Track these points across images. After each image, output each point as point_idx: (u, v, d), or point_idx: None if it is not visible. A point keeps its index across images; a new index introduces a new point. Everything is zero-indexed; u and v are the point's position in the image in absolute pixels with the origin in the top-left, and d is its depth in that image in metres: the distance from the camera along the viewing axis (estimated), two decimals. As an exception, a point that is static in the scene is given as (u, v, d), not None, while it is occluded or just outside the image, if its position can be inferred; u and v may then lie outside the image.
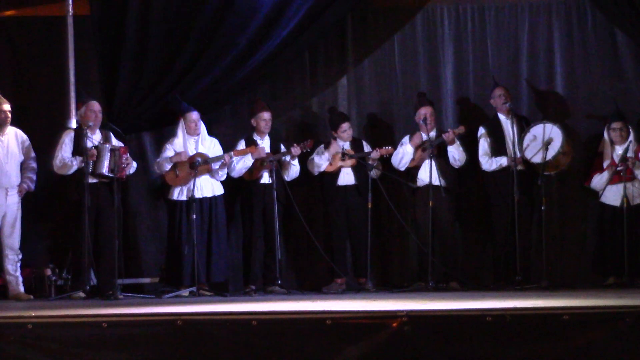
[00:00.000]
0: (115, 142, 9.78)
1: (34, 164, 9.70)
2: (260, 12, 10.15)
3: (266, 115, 10.10)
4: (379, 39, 10.59)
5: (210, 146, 9.98)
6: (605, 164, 9.80)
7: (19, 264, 9.59)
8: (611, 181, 9.68)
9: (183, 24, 10.17)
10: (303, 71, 10.63)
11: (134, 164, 9.80)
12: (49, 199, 10.08)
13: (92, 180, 9.47)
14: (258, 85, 10.53)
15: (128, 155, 9.61)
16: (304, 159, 10.19)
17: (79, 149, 9.59)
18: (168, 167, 9.86)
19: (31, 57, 10.48)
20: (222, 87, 10.35)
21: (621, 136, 9.75)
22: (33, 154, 9.70)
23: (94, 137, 9.58)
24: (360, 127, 10.47)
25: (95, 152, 9.45)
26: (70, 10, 10.35)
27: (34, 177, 9.68)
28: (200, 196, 9.75)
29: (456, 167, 9.98)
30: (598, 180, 9.81)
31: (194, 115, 9.91)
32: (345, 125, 10.15)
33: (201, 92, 10.27)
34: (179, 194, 9.87)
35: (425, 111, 9.98)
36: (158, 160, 9.94)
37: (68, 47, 10.32)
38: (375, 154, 9.95)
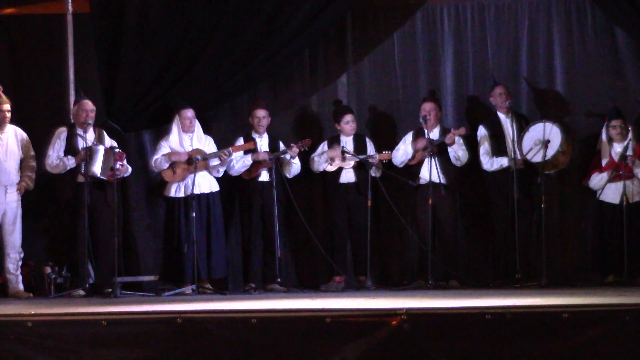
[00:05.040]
0: (108, 141, 9.76)
1: (33, 163, 9.70)
2: (260, 9, 10.15)
3: (260, 113, 10.09)
4: (379, 37, 10.59)
5: (205, 144, 9.98)
6: (603, 162, 9.80)
7: (20, 263, 9.60)
8: (610, 179, 9.68)
9: (183, 21, 10.17)
10: (303, 69, 10.64)
11: (129, 169, 9.78)
12: (45, 197, 10.07)
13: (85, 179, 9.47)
14: (258, 84, 10.54)
15: (124, 161, 9.58)
16: (305, 156, 10.20)
17: (71, 148, 9.60)
18: (166, 165, 9.86)
19: (31, 55, 10.48)
20: (221, 86, 10.35)
21: (621, 134, 9.74)
22: (32, 153, 9.70)
23: (88, 136, 9.55)
24: (361, 125, 10.45)
25: (87, 152, 9.40)
26: (70, 8, 10.36)
27: (33, 176, 9.69)
28: (198, 192, 9.75)
29: (458, 166, 9.98)
30: (598, 180, 9.81)
31: (189, 112, 9.91)
32: (348, 117, 10.14)
33: (201, 90, 10.28)
34: (177, 190, 9.86)
35: (427, 107, 9.98)
36: (155, 157, 9.92)
37: (67, 45, 10.33)
38: (375, 159, 9.95)
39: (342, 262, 10.11)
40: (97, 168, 9.41)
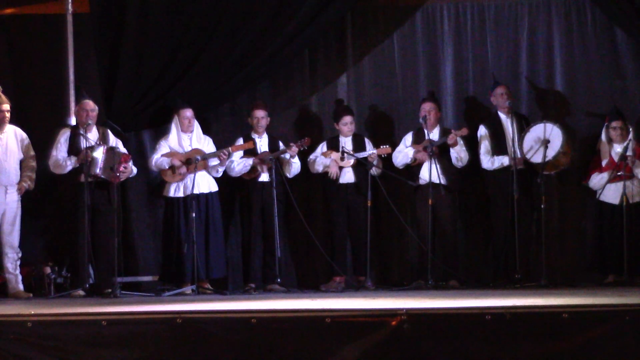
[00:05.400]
0: (112, 140, 9.76)
1: (33, 163, 9.70)
2: (259, 10, 10.15)
3: (259, 113, 10.09)
4: (379, 37, 10.59)
5: (204, 144, 9.98)
6: (603, 163, 9.80)
7: (18, 262, 9.59)
8: (610, 179, 9.69)
9: (182, 22, 10.17)
10: (303, 69, 10.63)
11: (134, 171, 9.79)
12: (45, 197, 10.07)
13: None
14: (258, 84, 10.53)
15: (129, 164, 9.58)
16: (305, 155, 10.20)
17: (74, 148, 9.61)
18: (166, 166, 9.86)
19: (31, 55, 10.47)
20: (221, 86, 10.35)
21: (621, 135, 9.75)
22: (32, 153, 9.70)
23: (90, 136, 9.55)
24: (360, 125, 10.45)
25: (89, 152, 9.40)
26: (70, 8, 10.35)
27: (34, 176, 9.67)
28: (197, 192, 9.73)
29: (459, 167, 9.97)
30: (598, 180, 9.81)
31: (188, 112, 9.91)
32: (347, 118, 10.14)
33: (201, 91, 10.27)
34: (176, 190, 9.86)
35: (427, 107, 9.97)
36: (155, 157, 9.92)
37: (67, 45, 10.32)
38: (373, 155, 9.95)
39: (342, 262, 10.11)
40: (97, 168, 9.40)
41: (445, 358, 6.03)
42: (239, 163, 10.00)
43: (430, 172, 9.67)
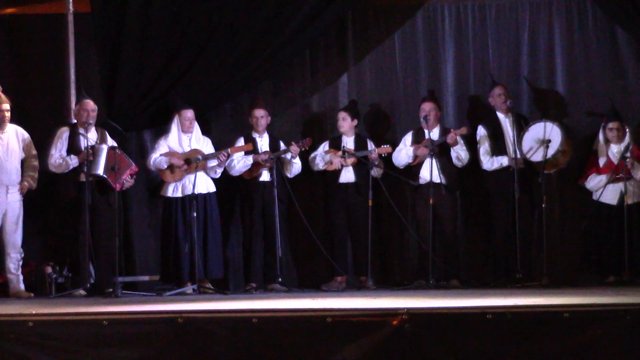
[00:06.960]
0: (110, 141, 9.76)
1: (35, 162, 9.70)
2: (260, 9, 10.15)
3: (258, 112, 10.09)
4: (380, 36, 10.59)
5: (203, 145, 9.98)
6: (601, 163, 9.80)
7: (20, 263, 9.60)
8: (609, 182, 9.69)
9: (183, 21, 10.18)
10: (304, 69, 10.64)
11: (132, 182, 9.81)
12: (46, 196, 10.07)
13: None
14: (259, 83, 10.54)
15: (133, 176, 9.60)
16: (306, 155, 10.20)
17: (73, 147, 9.61)
18: (165, 166, 9.86)
19: (32, 55, 10.48)
20: (222, 85, 10.36)
21: (618, 136, 9.76)
22: (34, 152, 9.70)
23: (90, 136, 9.55)
24: (361, 125, 10.45)
25: (90, 152, 9.41)
26: (71, 7, 10.36)
27: (36, 175, 9.68)
28: (196, 193, 9.72)
29: (459, 166, 9.98)
30: (596, 182, 9.80)
31: (189, 113, 9.91)
32: (340, 114, 10.15)
33: (201, 90, 10.28)
34: (174, 190, 9.86)
35: (427, 107, 9.98)
36: (153, 157, 9.92)
37: (68, 44, 10.33)
38: (374, 154, 9.94)
39: (342, 262, 10.11)
40: (99, 167, 9.41)
41: (446, 358, 6.04)
42: (239, 161, 10.01)
43: (430, 172, 9.67)
